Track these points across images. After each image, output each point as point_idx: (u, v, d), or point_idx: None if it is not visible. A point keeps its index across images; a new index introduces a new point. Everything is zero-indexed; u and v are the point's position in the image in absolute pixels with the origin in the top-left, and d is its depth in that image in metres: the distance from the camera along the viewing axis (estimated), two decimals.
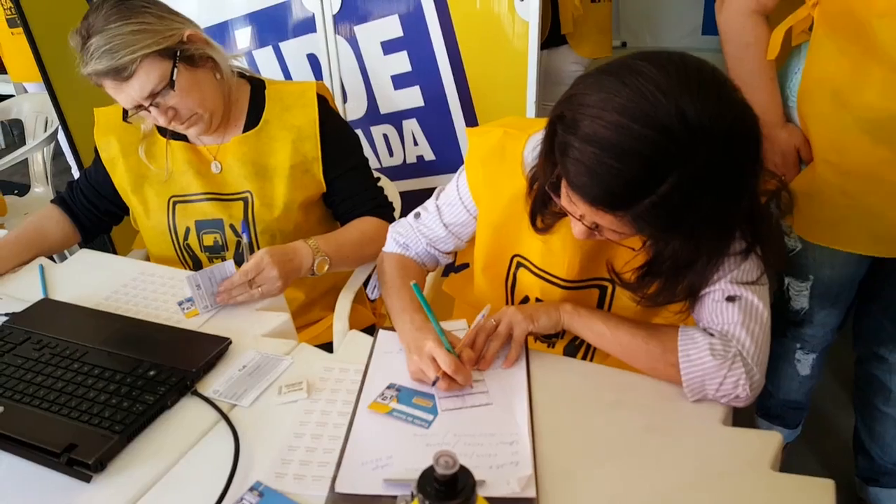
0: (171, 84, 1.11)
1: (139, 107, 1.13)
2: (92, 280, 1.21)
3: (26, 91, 3.58)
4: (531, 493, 0.72)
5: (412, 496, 0.71)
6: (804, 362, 1.51)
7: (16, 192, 2.56)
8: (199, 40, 1.16)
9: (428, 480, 0.51)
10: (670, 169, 0.67)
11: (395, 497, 0.72)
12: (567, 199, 0.80)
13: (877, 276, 1.33)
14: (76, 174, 2.75)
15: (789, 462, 0.78)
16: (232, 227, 1.29)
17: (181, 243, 1.32)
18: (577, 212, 0.80)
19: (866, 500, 1.54)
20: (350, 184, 1.31)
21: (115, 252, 2.04)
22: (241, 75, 1.30)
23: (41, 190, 2.51)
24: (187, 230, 1.31)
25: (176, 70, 1.12)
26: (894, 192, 1.08)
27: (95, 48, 1.07)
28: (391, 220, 1.24)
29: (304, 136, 1.25)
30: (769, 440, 0.79)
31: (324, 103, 1.28)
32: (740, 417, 0.87)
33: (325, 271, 1.20)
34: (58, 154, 2.67)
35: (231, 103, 1.26)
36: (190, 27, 1.16)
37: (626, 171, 0.69)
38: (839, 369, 1.95)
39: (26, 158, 2.36)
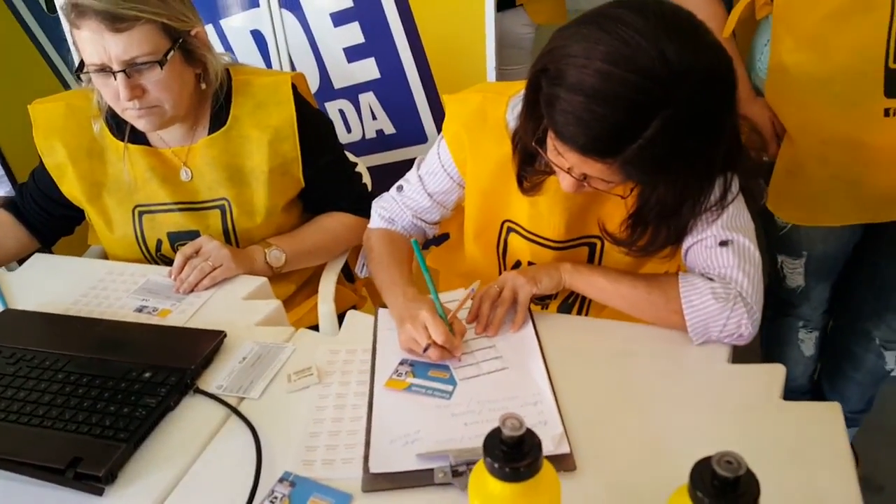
0: (160, 63, 1.01)
1: (104, 69, 0.99)
2: (53, 286, 1.13)
3: None
4: (565, 449, 0.73)
5: (450, 466, 0.72)
6: (808, 342, 1.53)
7: None
8: (203, 43, 1.09)
9: (495, 443, 0.50)
10: (656, 111, 0.69)
11: (431, 470, 0.72)
12: (555, 153, 0.81)
13: (864, 247, 1.33)
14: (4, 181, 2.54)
15: None
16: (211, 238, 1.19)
17: (154, 255, 1.22)
18: (565, 164, 0.80)
19: None
20: (326, 180, 1.24)
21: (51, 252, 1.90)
22: None
23: None
24: (159, 242, 1.20)
25: (171, 53, 1.02)
26: (873, 155, 1.10)
27: None
28: (367, 215, 1.17)
29: (281, 137, 1.16)
30: (774, 372, 0.83)
31: (298, 96, 1.18)
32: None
33: (283, 263, 1.18)
34: None
35: (198, 102, 1.15)
36: (200, 26, 1.08)
37: (613, 116, 0.70)
38: None
39: None
